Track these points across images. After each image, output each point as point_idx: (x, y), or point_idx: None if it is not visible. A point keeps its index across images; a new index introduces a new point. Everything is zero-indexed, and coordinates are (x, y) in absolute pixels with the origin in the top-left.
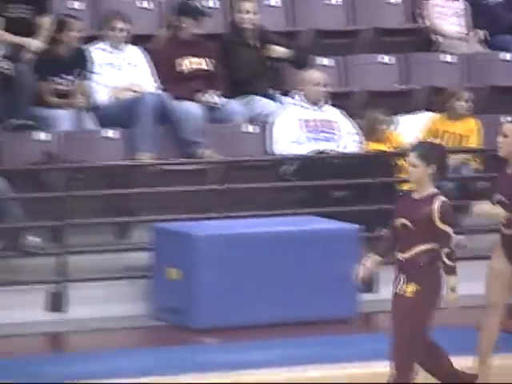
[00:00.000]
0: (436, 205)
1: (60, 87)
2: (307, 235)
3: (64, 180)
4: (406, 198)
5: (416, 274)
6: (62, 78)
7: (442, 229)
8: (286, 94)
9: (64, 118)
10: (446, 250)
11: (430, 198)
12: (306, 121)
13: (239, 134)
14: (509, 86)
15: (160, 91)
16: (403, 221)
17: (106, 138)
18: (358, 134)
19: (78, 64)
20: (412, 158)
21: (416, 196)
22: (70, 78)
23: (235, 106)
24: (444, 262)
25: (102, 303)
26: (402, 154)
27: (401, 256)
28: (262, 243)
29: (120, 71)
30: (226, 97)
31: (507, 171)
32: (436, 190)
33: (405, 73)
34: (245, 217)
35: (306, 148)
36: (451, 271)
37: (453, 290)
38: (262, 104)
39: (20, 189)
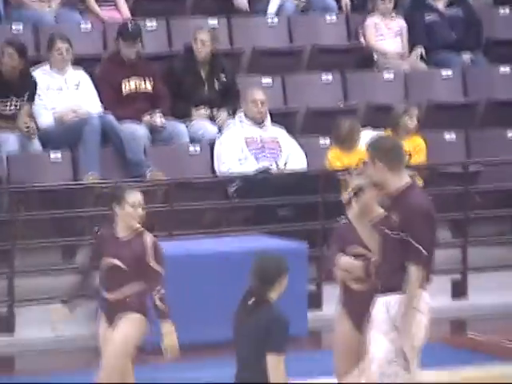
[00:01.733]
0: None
1: (5, 109)
2: (254, 254)
3: (10, 203)
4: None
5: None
6: (7, 100)
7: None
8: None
9: (9, 141)
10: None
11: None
12: (250, 139)
13: (184, 154)
14: (448, 102)
15: (104, 113)
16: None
17: (51, 160)
18: (300, 152)
19: (25, 87)
20: None
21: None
22: (16, 100)
23: (179, 126)
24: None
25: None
26: (345, 170)
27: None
28: (210, 263)
29: (63, 93)
30: (168, 117)
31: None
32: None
33: (345, 91)
34: (191, 236)
35: (250, 166)
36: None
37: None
38: (203, 125)
39: None
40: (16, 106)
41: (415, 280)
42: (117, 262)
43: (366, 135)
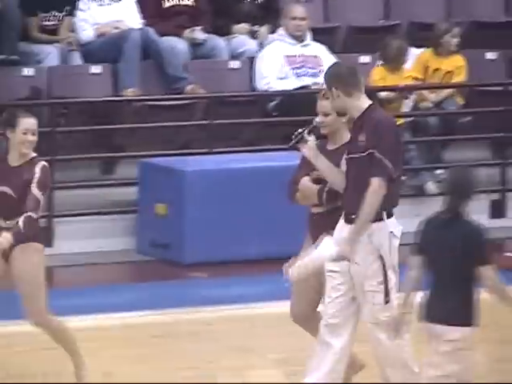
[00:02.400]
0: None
1: (47, 23)
2: (293, 170)
3: (50, 116)
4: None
5: None
6: (49, 13)
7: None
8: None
9: (50, 54)
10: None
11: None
12: (290, 56)
13: (224, 70)
14: (490, 21)
15: (145, 27)
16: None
17: (92, 73)
18: None
19: (66, 0)
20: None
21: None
22: (58, 14)
23: (219, 42)
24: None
25: (89, 238)
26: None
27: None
28: (249, 178)
29: (105, 7)
30: (209, 33)
31: (327, 148)
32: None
33: (387, 8)
34: (230, 152)
35: (290, 83)
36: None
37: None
38: (243, 41)
39: None
40: (57, 19)
41: (375, 191)
42: (6, 189)
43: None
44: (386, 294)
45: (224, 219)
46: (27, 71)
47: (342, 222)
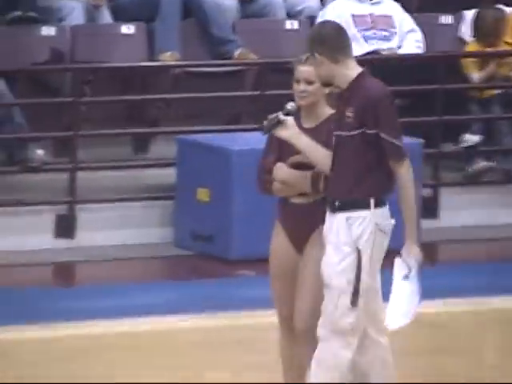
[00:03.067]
0: None
1: None
2: None
3: (74, 83)
4: None
5: None
6: None
7: None
8: None
9: (74, 10)
10: None
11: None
12: (358, 16)
13: (279, 31)
14: None
15: None
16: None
17: (123, 34)
18: (417, 31)
19: None
20: None
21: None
22: None
23: None
24: None
25: (117, 228)
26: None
27: None
28: None
29: None
30: None
31: (303, 126)
32: None
33: None
34: None
35: (358, 48)
36: None
37: None
38: None
39: (22, 93)
40: None
41: (407, 178)
42: None
43: None
44: (354, 294)
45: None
46: (47, 30)
47: (328, 213)
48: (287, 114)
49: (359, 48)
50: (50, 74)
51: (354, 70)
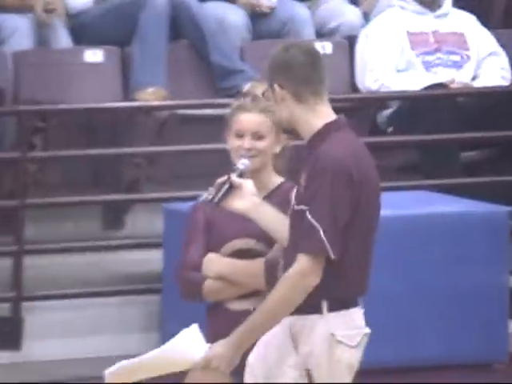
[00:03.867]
0: None
1: None
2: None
3: (18, 133)
4: None
5: None
6: None
7: None
8: None
9: (17, 30)
10: None
11: None
12: (417, 34)
13: None
14: None
15: None
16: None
17: (87, 62)
18: (501, 55)
19: None
20: None
21: None
22: None
23: (299, 10)
24: None
25: (82, 335)
26: None
27: None
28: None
29: None
30: None
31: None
32: None
33: None
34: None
35: (416, 79)
36: None
37: None
38: (338, 9)
39: None
40: None
41: (293, 275)
42: None
43: None
44: None
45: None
46: None
47: None
48: (240, 176)
49: (417, 79)
50: None
51: (323, 118)
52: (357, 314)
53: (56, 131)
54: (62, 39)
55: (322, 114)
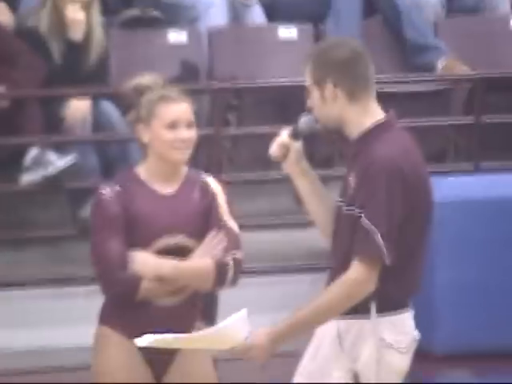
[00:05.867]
0: None
1: None
2: None
3: (212, 109)
4: None
5: None
6: None
7: None
8: None
9: (212, 7)
10: None
11: None
12: None
13: (501, 32)
14: None
15: None
16: None
17: (281, 39)
18: None
19: None
20: None
21: None
22: None
23: None
24: None
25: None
26: None
27: None
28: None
29: None
30: None
31: (160, 192)
32: None
33: None
34: (506, 170)
35: None
36: None
37: None
38: None
39: None
40: None
41: (349, 283)
42: None
43: None
44: None
45: (491, 287)
46: (175, 35)
47: None
48: (295, 136)
49: None
50: None
51: (373, 116)
52: (407, 319)
53: (250, 108)
54: (256, 16)
55: (372, 113)
